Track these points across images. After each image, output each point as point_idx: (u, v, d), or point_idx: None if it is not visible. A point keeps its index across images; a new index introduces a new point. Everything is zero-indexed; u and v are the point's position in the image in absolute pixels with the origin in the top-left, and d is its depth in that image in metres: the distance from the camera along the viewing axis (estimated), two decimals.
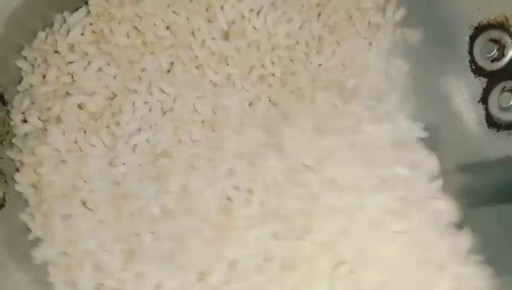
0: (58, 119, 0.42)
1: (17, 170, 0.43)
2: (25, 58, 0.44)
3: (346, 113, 0.43)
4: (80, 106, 0.43)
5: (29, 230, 0.42)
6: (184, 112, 0.43)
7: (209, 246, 0.41)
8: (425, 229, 0.41)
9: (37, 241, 0.42)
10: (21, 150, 0.43)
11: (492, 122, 0.45)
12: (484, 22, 0.45)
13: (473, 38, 0.46)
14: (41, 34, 0.44)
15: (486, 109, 0.46)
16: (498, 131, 0.45)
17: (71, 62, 0.43)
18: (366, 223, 0.40)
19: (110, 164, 0.43)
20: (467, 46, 0.46)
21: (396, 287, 0.41)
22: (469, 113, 0.46)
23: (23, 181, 0.43)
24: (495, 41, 0.45)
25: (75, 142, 0.43)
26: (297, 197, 0.41)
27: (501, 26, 0.44)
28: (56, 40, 0.43)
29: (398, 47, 0.46)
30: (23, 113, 0.43)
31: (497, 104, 0.45)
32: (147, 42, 0.44)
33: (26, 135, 0.43)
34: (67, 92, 0.43)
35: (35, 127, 0.43)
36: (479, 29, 0.45)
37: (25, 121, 0.43)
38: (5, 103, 0.43)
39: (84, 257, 0.42)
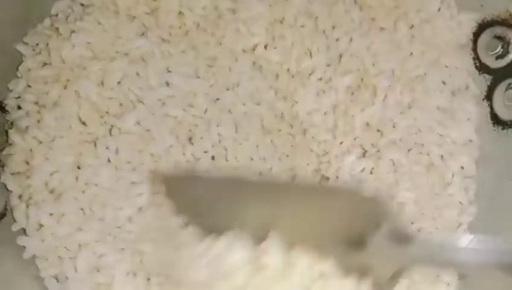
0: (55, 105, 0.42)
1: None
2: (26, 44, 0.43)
3: None
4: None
5: None
6: None
7: None
8: None
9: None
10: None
11: (497, 120, 0.45)
12: (488, 18, 0.45)
13: (476, 35, 0.45)
14: (47, 20, 0.44)
15: (491, 106, 0.45)
16: (503, 129, 0.44)
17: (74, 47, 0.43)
18: None
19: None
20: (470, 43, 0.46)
21: None
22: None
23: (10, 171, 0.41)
24: (499, 38, 0.45)
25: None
26: None
27: (505, 22, 0.44)
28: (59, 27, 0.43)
29: None
30: (18, 97, 0.42)
31: (502, 102, 0.44)
32: None
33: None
34: (67, 79, 0.42)
35: (29, 111, 0.42)
36: (483, 26, 0.45)
37: (19, 107, 0.43)
38: (4, 111, 0.42)
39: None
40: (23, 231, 0.41)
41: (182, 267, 0.37)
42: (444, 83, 0.45)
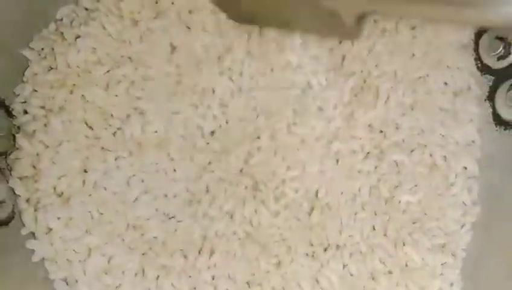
0: (61, 109, 0.42)
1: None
2: (32, 49, 0.44)
3: None
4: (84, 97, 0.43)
5: None
6: None
7: None
8: None
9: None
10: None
11: (499, 121, 0.45)
12: None
13: (478, 36, 0.46)
14: (52, 25, 0.44)
15: (493, 107, 0.45)
16: (506, 129, 0.45)
17: (79, 52, 0.43)
18: None
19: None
20: (472, 44, 0.46)
21: None
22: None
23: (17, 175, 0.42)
24: (501, 39, 0.45)
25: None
26: None
27: None
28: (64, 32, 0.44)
29: None
30: (24, 102, 0.43)
31: (504, 102, 0.45)
32: None
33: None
34: (73, 84, 0.43)
35: (35, 115, 0.43)
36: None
37: (26, 112, 0.43)
38: (11, 115, 0.43)
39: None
40: (32, 235, 0.42)
41: None
42: (446, 84, 0.46)
